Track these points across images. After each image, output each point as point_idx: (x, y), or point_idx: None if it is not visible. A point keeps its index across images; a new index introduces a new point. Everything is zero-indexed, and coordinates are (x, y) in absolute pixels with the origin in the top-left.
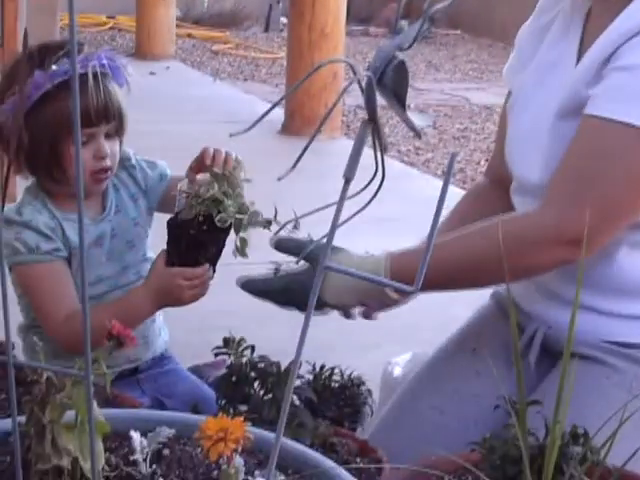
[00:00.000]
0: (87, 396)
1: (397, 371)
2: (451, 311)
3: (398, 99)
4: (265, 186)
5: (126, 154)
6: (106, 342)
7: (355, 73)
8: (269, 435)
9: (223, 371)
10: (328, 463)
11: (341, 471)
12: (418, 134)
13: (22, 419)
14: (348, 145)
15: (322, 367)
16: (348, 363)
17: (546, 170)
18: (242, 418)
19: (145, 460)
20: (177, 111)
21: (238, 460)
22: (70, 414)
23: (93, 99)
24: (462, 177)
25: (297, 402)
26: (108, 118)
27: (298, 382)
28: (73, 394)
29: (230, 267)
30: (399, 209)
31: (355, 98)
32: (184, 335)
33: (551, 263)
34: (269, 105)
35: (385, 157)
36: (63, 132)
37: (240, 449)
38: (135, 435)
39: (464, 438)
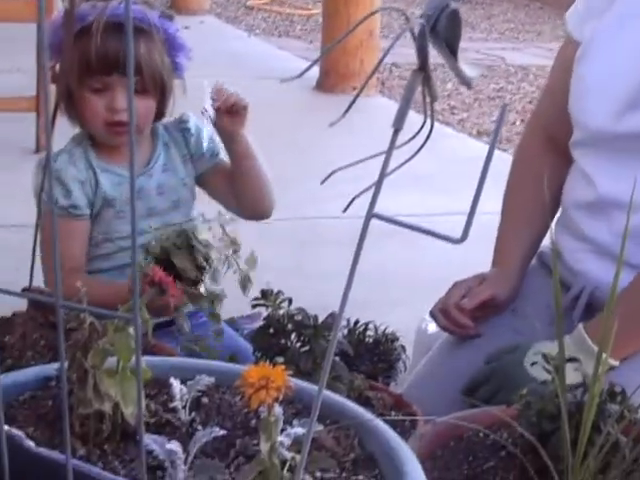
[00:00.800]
0: (136, 339)
1: (431, 328)
2: (488, 268)
3: (450, 48)
4: (299, 141)
5: (184, 117)
6: (148, 289)
7: (408, 20)
8: (307, 385)
9: (259, 323)
10: (366, 415)
11: (379, 423)
12: (468, 84)
13: (65, 365)
14: (382, 102)
15: (356, 322)
16: (382, 319)
17: (622, 119)
18: (283, 367)
19: (184, 407)
20: (210, 66)
21: (277, 409)
22: (112, 360)
23: (106, 47)
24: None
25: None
26: (125, 70)
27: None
28: (115, 340)
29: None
30: (434, 167)
31: (390, 56)
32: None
33: None
34: (304, 62)
35: (419, 116)
36: (79, 73)
37: (281, 398)
38: (175, 383)
39: None
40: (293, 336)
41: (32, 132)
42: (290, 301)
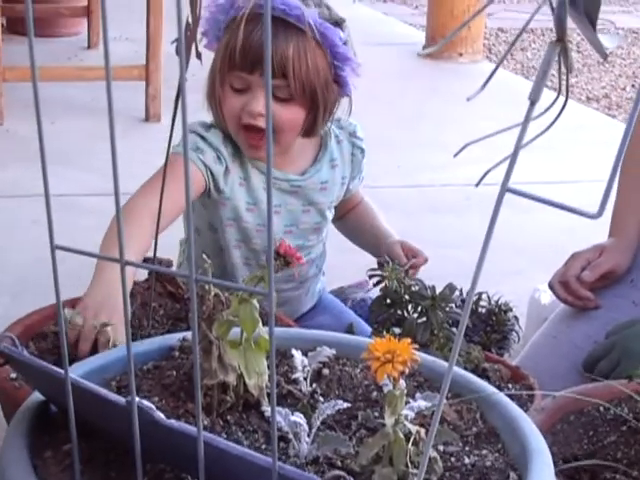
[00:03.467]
0: (269, 313)
1: (544, 298)
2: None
3: (589, 19)
4: (404, 107)
5: (360, 133)
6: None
7: None
8: (427, 357)
9: (368, 292)
10: (489, 388)
11: (502, 397)
12: (605, 55)
13: (187, 335)
14: (489, 68)
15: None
16: (495, 289)
17: None
18: (409, 340)
19: (306, 379)
20: None
21: (401, 382)
22: (236, 331)
23: (250, 41)
24: (607, 103)
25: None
26: (274, 73)
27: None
28: (240, 311)
29: (375, 189)
30: (543, 134)
31: (496, 21)
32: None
33: None
34: (409, 27)
35: (527, 81)
36: (221, 67)
37: (407, 371)
38: (297, 354)
39: None
40: (410, 307)
41: (141, 101)
42: (407, 272)
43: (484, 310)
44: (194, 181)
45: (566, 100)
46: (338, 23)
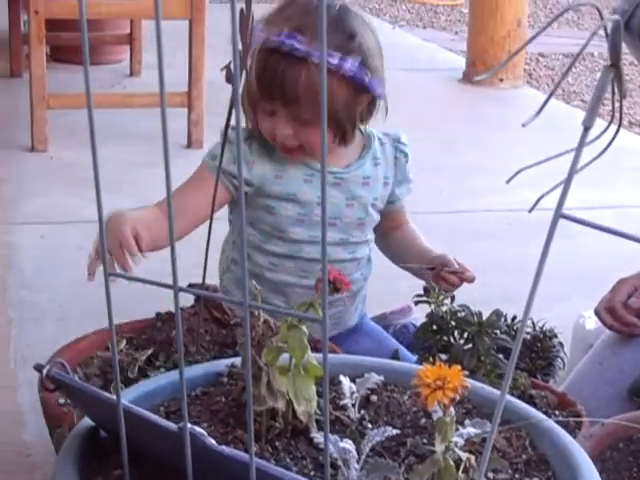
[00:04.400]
0: (323, 339)
1: (589, 324)
2: None
3: None
4: (445, 133)
5: (403, 138)
6: (321, 287)
7: (602, 17)
8: (477, 384)
9: (410, 318)
10: (538, 415)
11: (551, 424)
12: None
13: (235, 361)
14: (530, 93)
15: (514, 318)
16: (539, 315)
17: None
18: (459, 367)
19: (354, 405)
20: None
21: (451, 409)
22: (284, 357)
23: (264, 75)
24: None
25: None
26: (284, 101)
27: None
28: (289, 337)
29: (416, 215)
30: (584, 158)
31: (537, 46)
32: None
33: None
34: (449, 53)
35: (568, 106)
36: (254, 92)
37: (458, 398)
38: (345, 380)
39: None
40: (456, 333)
41: (184, 127)
42: (453, 297)
43: (529, 336)
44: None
45: (619, 126)
46: (351, 48)
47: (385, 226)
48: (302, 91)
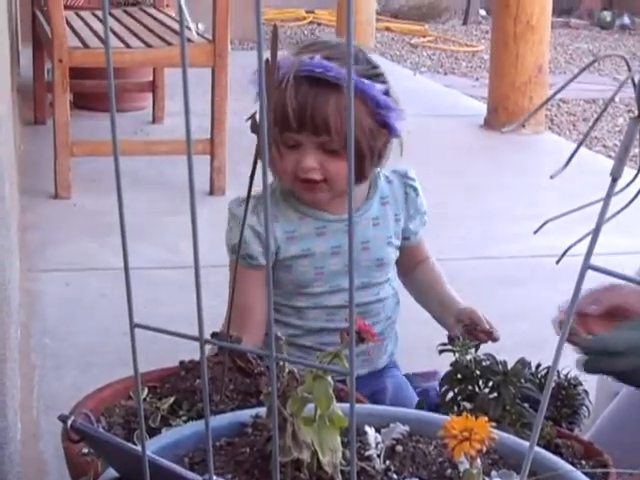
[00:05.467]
0: (350, 392)
1: None
2: None
3: None
4: (469, 179)
5: (410, 173)
6: (346, 337)
7: (630, 68)
8: (503, 435)
9: (434, 383)
10: (565, 466)
11: (579, 475)
12: None
13: (260, 411)
14: (552, 139)
15: (538, 366)
16: (563, 363)
17: None
18: (485, 418)
19: (379, 456)
20: None
21: (477, 460)
22: (309, 407)
23: (294, 103)
24: None
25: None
26: (314, 129)
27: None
28: (314, 388)
29: (440, 262)
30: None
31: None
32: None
33: None
34: (470, 99)
35: (591, 152)
36: (273, 128)
37: (485, 449)
38: (370, 430)
39: None
40: (481, 382)
41: (206, 174)
42: (477, 346)
43: (554, 384)
44: (259, 279)
45: None
46: (376, 76)
47: (407, 263)
48: (332, 118)
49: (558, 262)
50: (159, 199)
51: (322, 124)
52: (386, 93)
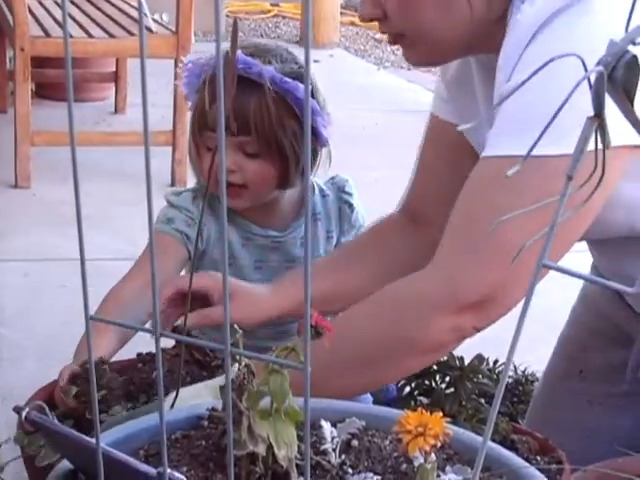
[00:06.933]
0: (305, 386)
1: None
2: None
3: (627, 95)
4: None
5: (348, 188)
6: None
7: (586, 68)
8: (458, 430)
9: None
10: (519, 461)
11: (533, 471)
12: None
13: (216, 404)
14: None
15: (495, 362)
16: (521, 358)
17: None
18: (440, 414)
19: (335, 450)
20: (342, 99)
21: (432, 455)
22: (265, 400)
23: (212, 101)
24: None
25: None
26: (238, 130)
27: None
28: (270, 382)
29: None
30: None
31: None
32: None
33: (444, 337)
34: (433, 94)
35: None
36: (192, 127)
37: (439, 445)
38: (326, 425)
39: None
40: (438, 377)
41: (168, 165)
42: None
43: (511, 380)
44: (176, 252)
45: (602, 176)
46: (302, 76)
47: None
48: (253, 118)
49: (513, 261)
50: (120, 190)
51: (243, 123)
52: (311, 95)
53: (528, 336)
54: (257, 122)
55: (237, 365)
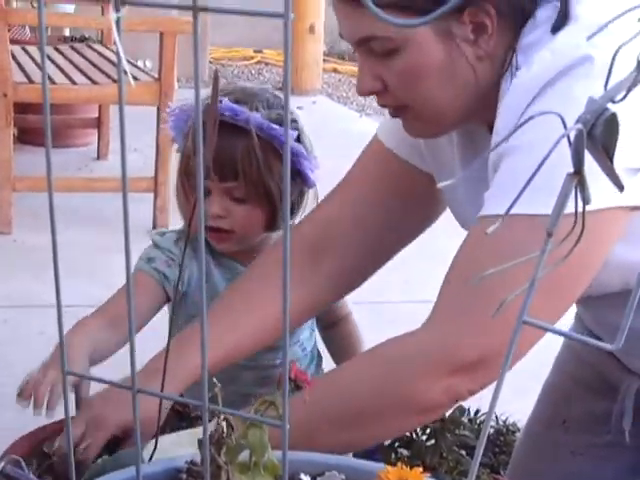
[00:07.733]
0: (283, 442)
1: None
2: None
3: (606, 153)
4: None
5: None
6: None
7: (565, 126)
8: None
9: None
10: None
11: None
12: (622, 189)
13: (194, 457)
14: None
15: (476, 412)
16: (502, 408)
17: None
18: (420, 469)
19: None
20: (324, 146)
21: None
22: (244, 454)
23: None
24: None
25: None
26: (221, 175)
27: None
28: (249, 436)
29: (380, 305)
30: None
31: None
32: None
33: (438, 398)
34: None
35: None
36: (180, 172)
37: None
38: (305, 478)
39: None
40: (418, 429)
41: (149, 212)
42: None
43: (492, 430)
44: (151, 292)
45: (581, 232)
46: (290, 122)
47: (326, 320)
48: (240, 164)
49: (494, 316)
50: (101, 236)
51: (230, 169)
52: (297, 139)
53: (510, 387)
54: (245, 168)
55: (216, 419)
